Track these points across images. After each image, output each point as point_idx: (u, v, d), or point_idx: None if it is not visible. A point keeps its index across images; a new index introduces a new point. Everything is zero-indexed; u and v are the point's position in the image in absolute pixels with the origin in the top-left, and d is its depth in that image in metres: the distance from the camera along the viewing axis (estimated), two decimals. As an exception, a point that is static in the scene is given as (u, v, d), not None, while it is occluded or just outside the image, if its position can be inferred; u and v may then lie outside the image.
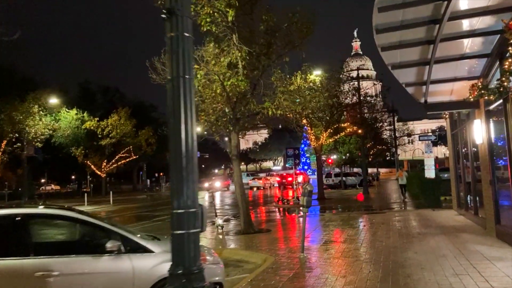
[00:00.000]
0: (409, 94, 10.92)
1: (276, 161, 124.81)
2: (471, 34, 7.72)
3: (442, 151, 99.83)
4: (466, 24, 7.47)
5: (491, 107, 9.34)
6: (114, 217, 23.00)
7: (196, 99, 12.40)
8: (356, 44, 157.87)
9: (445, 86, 10.16)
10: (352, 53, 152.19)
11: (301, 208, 8.93)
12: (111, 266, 4.77)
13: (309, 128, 26.98)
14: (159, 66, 12.76)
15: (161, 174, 77.60)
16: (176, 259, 3.62)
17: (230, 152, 13.46)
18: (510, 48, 6.87)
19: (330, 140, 28.51)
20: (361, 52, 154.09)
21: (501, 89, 7.69)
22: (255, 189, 50.86)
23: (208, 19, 11.66)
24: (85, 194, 35.56)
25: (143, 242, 5.13)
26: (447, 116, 14.59)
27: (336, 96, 25.70)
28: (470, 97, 9.44)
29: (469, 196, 13.19)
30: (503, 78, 7.42)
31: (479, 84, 9.22)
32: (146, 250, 5.03)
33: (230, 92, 12.18)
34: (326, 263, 7.92)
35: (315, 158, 31.58)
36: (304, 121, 26.51)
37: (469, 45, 8.37)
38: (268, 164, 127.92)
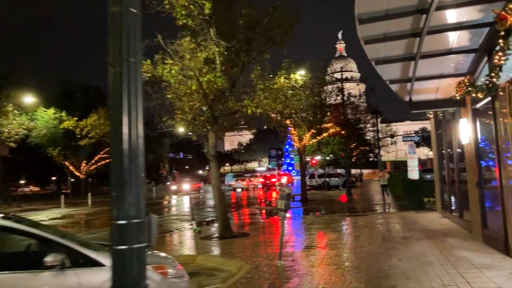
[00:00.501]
0: (392, 96, 10.48)
1: (261, 162, 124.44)
2: (459, 26, 7.26)
3: (424, 152, 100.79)
4: (454, 16, 7.00)
5: (478, 105, 8.92)
6: (90, 220, 22.12)
7: (170, 95, 11.75)
8: (341, 46, 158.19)
9: (430, 84, 9.72)
10: (336, 55, 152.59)
11: (279, 212, 8.37)
12: (53, 283, 4.11)
13: (292, 128, 26.49)
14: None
15: (142, 175, 76.34)
16: (116, 280, 2.98)
17: (208, 152, 12.82)
18: (500, 40, 6.43)
19: (313, 140, 28.05)
20: (345, 54, 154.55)
21: (490, 85, 7.26)
22: (238, 190, 50.17)
23: (183, 12, 11.03)
24: (62, 196, 34.42)
25: (92, 254, 4.47)
26: (431, 116, 14.23)
27: (318, 95, 25.26)
28: (457, 95, 9.04)
29: (453, 198, 12.82)
30: (492, 74, 6.99)
31: (466, 81, 8.82)
32: (95, 264, 4.38)
33: (207, 89, 11.56)
34: (305, 271, 7.35)
35: (299, 159, 31.15)
36: (287, 121, 26.02)
37: (456, 39, 7.92)
38: (253, 165, 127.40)
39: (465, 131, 9.52)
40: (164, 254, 5.62)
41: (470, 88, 8.34)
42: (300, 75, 16.44)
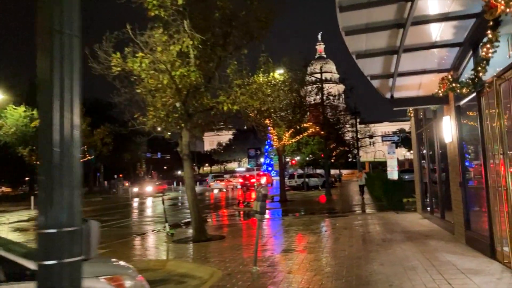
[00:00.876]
0: (370, 97, 10.17)
1: (240, 162, 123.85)
2: (445, 17, 6.88)
3: (402, 153, 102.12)
4: (439, 6, 6.62)
5: (462, 102, 8.60)
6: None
7: (140, 90, 11.10)
8: (320, 48, 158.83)
9: (413, 80, 9.36)
10: (316, 56, 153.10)
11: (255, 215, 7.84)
12: None
13: (271, 128, 26.03)
14: (101, 55, 11.28)
15: (120, 175, 74.80)
16: (42, 304, 2.39)
17: (181, 151, 12.20)
18: (489, 31, 6.06)
19: (293, 140, 27.69)
20: (325, 55, 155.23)
21: (476, 80, 6.91)
22: (216, 191, 49.48)
23: (155, 2, 10.40)
24: (32, 197, 33.03)
25: (33, 266, 3.84)
26: (412, 115, 13.96)
27: (297, 91, 24.86)
28: (440, 91, 8.70)
29: (433, 199, 12.57)
30: (479, 68, 6.64)
31: (450, 77, 8.49)
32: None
33: (180, 84, 10.94)
34: (282, 278, 6.84)
35: (278, 159, 30.73)
36: (267, 121, 25.57)
37: (440, 33, 7.56)
38: (233, 165, 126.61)
39: (448, 129, 9.19)
40: (123, 263, 5.01)
41: (454, 84, 8.00)
42: (279, 74, 16.11)
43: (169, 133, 12.58)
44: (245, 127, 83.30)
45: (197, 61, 11.26)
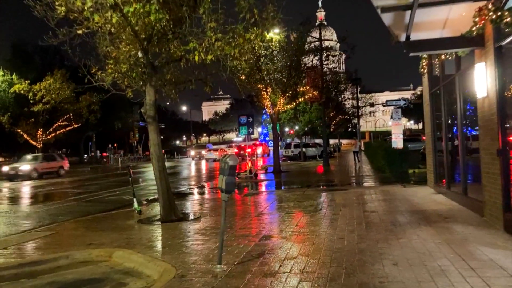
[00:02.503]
0: (370, 67, 7.88)
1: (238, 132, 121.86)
2: None
3: (402, 122, 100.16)
4: None
5: (505, 41, 6.33)
6: (32, 193, 19.13)
7: (80, 31, 8.75)
8: (321, 15, 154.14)
9: (437, 14, 7.06)
10: (316, 23, 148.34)
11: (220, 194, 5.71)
12: None
13: (264, 93, 23.69)
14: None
15: (115, 144, 72.75)
16: None
17: (145, 112, 9.98)
18: None
19: (288, 106, 25.41)
20: (325, 23, 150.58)
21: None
22: (210, 161, 47.83)
23: None
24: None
25: None
26: (425, 70, 11.65)
27: (293, 50, 22.40)
28: (474, 28, 6.46)
29: (446, 170, 10.49)
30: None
31: (490, 6, 6.20)
32: None
33: (136, 25, 8.60)
34: (252, 285, 4.78)
35: (272, 126, 28.55)
36: (260, 85, 23.27)
37: None
38: (231, 135, 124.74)
39: (482, 80, 6.96)
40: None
41: (499, 13, 5.74)
42: (274, 33, 13.86)
43: (131, 91, 10.31)
44: (243, 96, 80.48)
45: (160, -1, 8.86)
